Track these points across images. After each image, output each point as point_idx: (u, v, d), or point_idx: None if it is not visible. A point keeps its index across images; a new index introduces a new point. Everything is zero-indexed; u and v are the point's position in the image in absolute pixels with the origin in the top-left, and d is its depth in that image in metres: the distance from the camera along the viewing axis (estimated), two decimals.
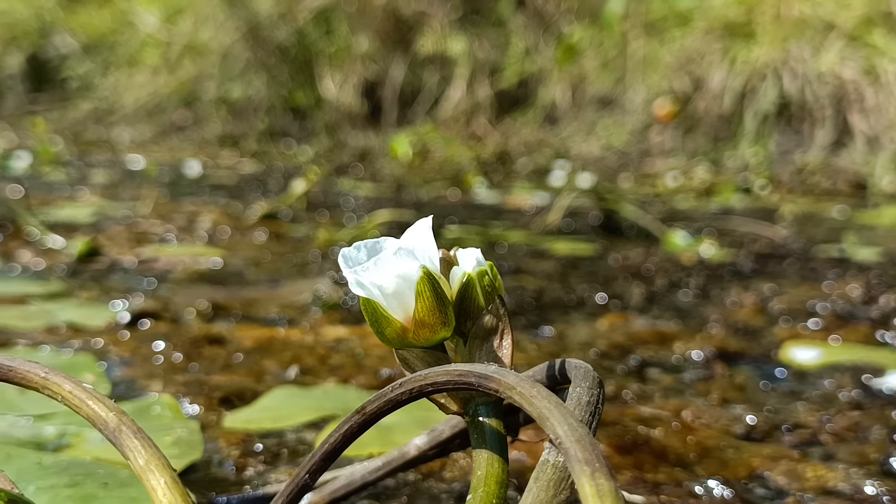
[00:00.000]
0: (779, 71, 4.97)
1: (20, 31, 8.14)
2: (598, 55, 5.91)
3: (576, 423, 0.40)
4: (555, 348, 1.14)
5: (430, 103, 6.22)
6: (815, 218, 2.91)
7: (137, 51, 7.39)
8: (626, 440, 0.78)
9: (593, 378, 0.49)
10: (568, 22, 6.23)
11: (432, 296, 0.49)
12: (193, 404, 0.90)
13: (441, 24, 6.34)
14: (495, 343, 0.51)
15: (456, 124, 6.04)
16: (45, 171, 3.60)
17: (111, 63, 7.58)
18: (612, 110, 5.72)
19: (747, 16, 5.30)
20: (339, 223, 2.32)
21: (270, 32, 6.63)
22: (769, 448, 0.81)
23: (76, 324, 1.18)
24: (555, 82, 5.96)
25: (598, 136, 5.56)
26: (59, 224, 2.11)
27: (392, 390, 0.49)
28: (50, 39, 8.02)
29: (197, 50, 6.97)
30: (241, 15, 6.62)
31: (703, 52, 5.34)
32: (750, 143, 4.94)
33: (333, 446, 0.53)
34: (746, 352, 1.17)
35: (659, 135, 5.39)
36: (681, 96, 5.27)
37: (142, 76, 7.22)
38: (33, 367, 0.43)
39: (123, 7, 7.66)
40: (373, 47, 6.45)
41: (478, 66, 6.16)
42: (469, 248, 0.52)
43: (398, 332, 0.50)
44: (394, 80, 6.26)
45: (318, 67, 6.54)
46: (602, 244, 2.15)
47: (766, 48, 5.04)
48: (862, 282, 1.63)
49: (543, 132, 5.82)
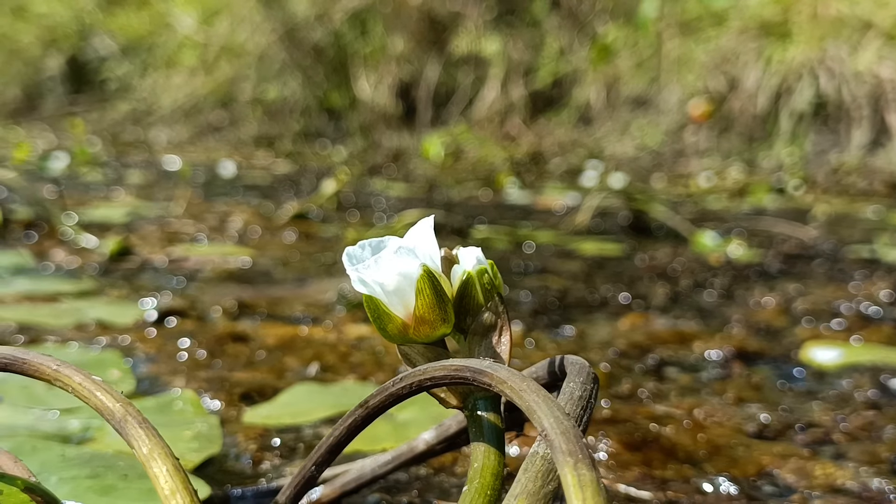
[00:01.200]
0: (815, 70, 4.94)
1: (60, 33, 8.26)
2: (632, 55, 5.90)
3: (562, 415, 0.41)
4: (574, 347, 1.15)
5: (465, 104, 6.24)
6: (848, 218, 2.89)
7: (175, 52, 7.47)
8: (636, 437, 0.79)
9: (587, 374, 0.50)
10: (602, 22, 6.22)
11: (432, 293, 0.50)
12: (214, 400, 0.92)
13: (476, 25, 6.35)
14: (494, 339, 0.52)
15: (490, 125, 6.05)
16: (82, 171, 3.66)
17: (149, 64, 7.67)
18: (647, 110, 5.70)
19: (783, 15, 5.27)
20: (368, 223, 2.34)
21: (306, 33, 6.67)
22: (780, 446, 0.82)
23: (105, 321, 1.21)
24: (589, 82, 5.96)
25: (632, 137, 5.55)
26: (93, 224, 2.15)
27: (393, 384, 0.51)
28: (89, 41, 8.13)
29: (233, 51, 7.03)
30: (277, 16, 6.67)
31: (739, 52, 5.32)
32: (785, 144, 4.90)
33: (338, 439, 0.54)
34: (766, 352, 1.17)
35: (693, 135, 5.37)
36: (716, 96, 5.25)
37: (179, 77, 7.30)
38: (46, 360, 0.45)
39: (161, 9, 7.75)
40: (408, 48, 6.48)
41: (512, 66, 6.16)
42: (470, 248, 0.54)
43: (399, 328, 0.51)
44: (428, 80, 6.28)
45: (353, 68, 6.58)
46: (630, 244, 2.15)
47: (802, 47, 5.01)
48: (889, 283, 1.62)
49: (577, 132, 5.82)
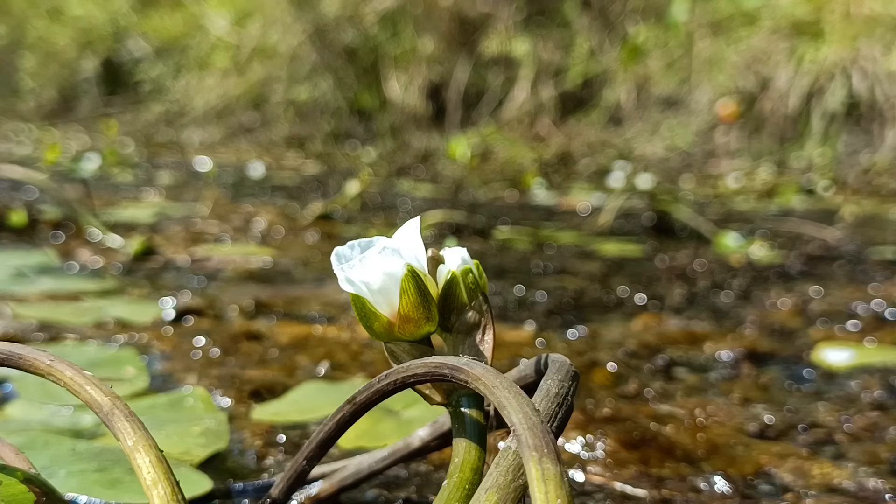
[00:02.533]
0: (848, 70, 4.90)
1: (96, 35, 8.35)
2: (663, 55, 5.88)
3: (531, 411, 0.42)
4: (584, 347, 1.16)
5: (494, 105, 6.25)
6: (876, 219, 2.87)
7: (208, 54, 7.54)
8: (635, 436, 0.79)
9: (566, 371, 0.51)
10: (633, 22, 6.21)
11: (416, 292, 0.51)
12: (225, 397, 0.93)
13: (506, 26, 6.36)
14: (478, 337, 0.54)
15: (520, 125, 6.06)
16: (113, 172, 3.71)
17: (182, 66, 7.74)
18: (677, 111, 5.68)
19: (816, 14, 5.23)
20: (392, 224, 2.35)
21: (337, 35, 6.71)
22: (780, 446, 0.82)
23: (124, 320, 1.23)
24: (619, 83, 5.95)
25: (662, 137, 5.53)
26: (120, 224, 2.19)
27: (379, 381, 0.52)
28: (124, 43, 8.22)
29: (265, 52, 7.09)
30: (308, 18, 6.72)
31: (770, 52, 5.29)
32: (817, 144, 4.87)
33: (328, 434, 0.56)
34: (777, 352, 1.17)
35: (724, 135, 5.34)
36: (746, 96, 5.22)
37: (212, 79, 7.36)
38: (40, 355, 0.47)
39: (195, 11, 7.82)
40: (438, 49, 6.50)
41: (542, 67, 6.16)
42: (455, 248, 0.55)
43: (385, 326, 0.53)
44: (458, 81, 6.30)
45: (383, 69, 6.61)
46: (652, 245, 2.15)
47: (834, 47, 4.97)
48: None
49: (607, 133, 5.81)
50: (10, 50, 8.92)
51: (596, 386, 1.00)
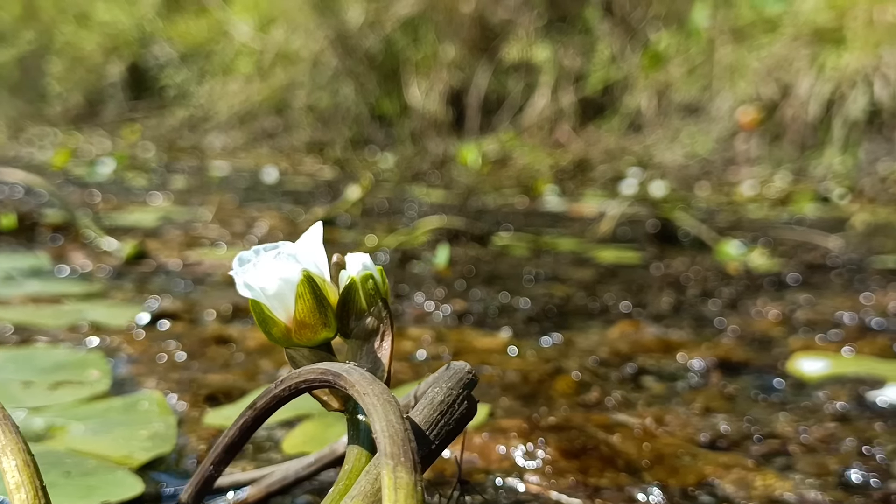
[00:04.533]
0: (870, 77, 4.85)
1: (122, 41, 8.43)
2: (684, 62, 5.85)
3: (396, 419, 0.42)
4: (555, 354, 1.15)
5: (515, 111, 6.24)
6: (888, 228, 2.84)
7: (232, 59, 7.59)
8: (576, 445, 0.79)
9: (458, 378, 0.51)
10: (655, 29, 6.18)
11: (312, 298, 0.51)
12: (181, 401, 0.93)
13: (527, 32, 6.35)
14: (376, 344, 0.53)
15: (539, 132, 6.05)
16: (128, 176, 3.74)
17: (207, 71, 7.80)
18: (698, 118, 5.65)
19: (838, 21, 5.18)
20: (393, 229, 2.36)
21: (359, 41, 6.73)
22: (728, 457, 0.81)
23: (99, 323, 1.24)
24: (640, 89, 5.92)
25: (682, 144, 5.50)
26: (123, 228, 2.20)
27: (276, 387, 0.52)
28: (150, 49, 8.29)
29: (288, 58, 7.12)
30: (330, 24, 6.74)
31: (791, 59, 5.25)
32: (837, 152, 4.83)
33: (232, 440, 0.56)
34: (752, 362, 1.16)
35: (744, 143, 5.31)
36: (768, 103, 5.18)
37: (235, 84, 7.41)
38: None
39: (219, 17, 7.87)
40: (459, 55, 6.50)
41: (562, 73, 6.15)
42: (357, 253, 0.54)
43: (283, 332, 0.53)
44: (478, 87, 6.30)
45: (404, 75, 6.62)
46: (651, 253, 2.14)
47: (856, 54, 4.93)
48: None
49: (627, 140, 5.79)
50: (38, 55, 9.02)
51: (557, 394, 1.00)
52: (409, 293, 1.52)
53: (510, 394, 0.99)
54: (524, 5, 6.42)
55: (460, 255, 1.96)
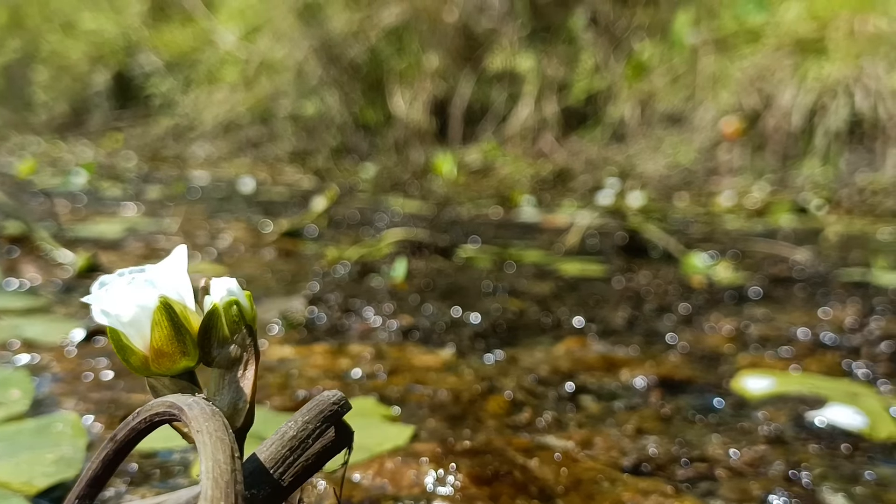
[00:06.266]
0: (851, 88, 4.85)
1: (107, 49, 8.40)
2: (667, 72, 5.85)
3: (224, 459, 0.39)
4: (494, 373, 1.13)
5: (498, 120, 6.22)
6: (861, 239, 2.82)
7: (217, 68, 7.56)
8: (489, 471, 0.76)
9: (318, 412, 0.48)
10: (638, 39, 6.17)
11: (170, 325, 0.49)
12: (97, 422, 0.91)
13: (510, 41, 6.34)
14: (239, 373, 0.51)
15: (523, 141, 6.03)
16: (103, 186, 3.71)
17: (192, 80, 7.77)
18: (681, 128, 5.64)
19: (819, 32, 5.19)
20: (359, 241, 2.33)
21: (343, 50, 6.71)
22: (649, 482, 0.79)
23: (32, 340, 1.21)
24: (623, 99, 5.91)
25: (664, 154, 5.49)
26: (85, 240, 2.17)
27: (133, 419, 0.49)
28: (135, 58, 8.25)
29: (273, 67, 7.10)
30: (315, 33, 6.73)
31: (774, 69, 5.25)
32: (819, 162, 4.82)
33: (95, 473, 0.53)
34: (696, 380, 1.14)
35: (727, 153, 5.30)
36: (750, 113, 5.18)
37: (220, 93, 7.38)
38: None
39: (205, 25, 7.84)
40: (443, 64, 6.49)
41: (546, 82, 6.14)
42: (224, 278, 0.52)
43: (141, 361, 0.50)
44: (462, 96, 6.28)
45: (388, 85, 6.61)
46: (617, 266, 2.12)
47: (838, 64, 4.93)
48: (859, 309, 1.57)
49: (610, 150, 5.77)
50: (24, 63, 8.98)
51: (487, 415, 0.97)
52: (359, 308, 1.50)
53: (438, 414, 0.96)
54: (508, 15, 6.41)
55: (421, 268, 1.94)
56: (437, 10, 6.55)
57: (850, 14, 5.01)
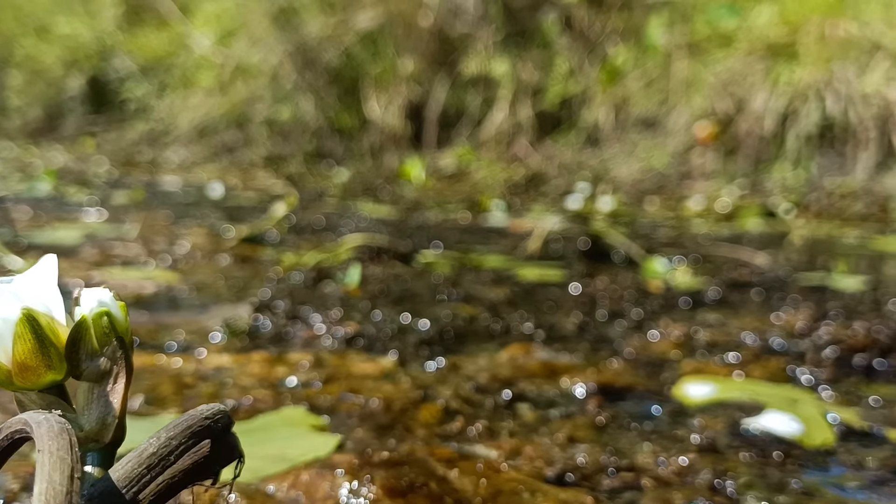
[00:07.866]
0: (822, 92, 4.87)
1: (82, 54, 8.35)
2: (641, 76, 5.86)
3: (60, 481, 0.38)
4: (431, 381, 1.11)
5: (473, 125, 6.21)
6: (826, 243, 2.82)
7: (192, 72, 7.53)
8: (404, 482, 0.75)
9: (185, 427, 0.46)
10: (613, 43, 6.18)
11: (33, 338, 0.47)
12: None
13: (485, 46, 6.34)
14: (109, 386, 0.49)
15: (497, 146, 6.03)
16: (69, 192, 3.67)
17: (167, 85, 7.73)
18: (655, 132, 5.65)
19: (791, 36, 5.20)
20: (318, 246, 2.31)
21: (318, 54, 6.69)
22: (571, 493, 0.77)
23: None
24: (598, 104, 5.92)
25: (638, 159, 5.49)
26: (40, 246, 2.15)
27: None
28: (110, 62, 8.21)
29: (248, 72, 7.07)
30: (289, 37, 6.70)
31: (746, 73, 5.26)
32: (791, 166, 4.84)
33: None
34: (636, 387, 1.13)
35: (700, 157, 5.30)
36: (723, 118, 5.19)
37: (196, 98, 7.34)
38: None
39: (180, 30, 7.81)
40: (418, 69, 6.48)
41: (520, 87, 6.14)
42: (95, 289, 0.50)
43: (5, 374, 0.48)
44: (436, 101, 6.27)
45: (363, 89, 6.59)
46: (577, 271, 2.11)
47: (809, 69, 4.94)
48: (811, 314, 1.56)
49: (584, 154, 5.77)
50: None
51: (417, 424, 0.96)
52: (307, 315, 1.48)
53: (367, 424, 0.95)
54: (482, 19, 6.40)
55: (378, 273, 1.92)
56: (412, 15, 6.54)
57: (820, 19, 5.03)
